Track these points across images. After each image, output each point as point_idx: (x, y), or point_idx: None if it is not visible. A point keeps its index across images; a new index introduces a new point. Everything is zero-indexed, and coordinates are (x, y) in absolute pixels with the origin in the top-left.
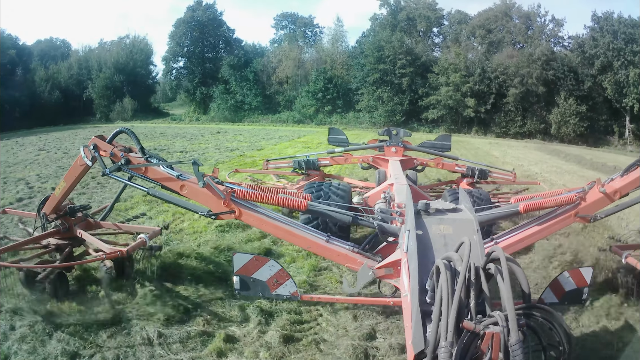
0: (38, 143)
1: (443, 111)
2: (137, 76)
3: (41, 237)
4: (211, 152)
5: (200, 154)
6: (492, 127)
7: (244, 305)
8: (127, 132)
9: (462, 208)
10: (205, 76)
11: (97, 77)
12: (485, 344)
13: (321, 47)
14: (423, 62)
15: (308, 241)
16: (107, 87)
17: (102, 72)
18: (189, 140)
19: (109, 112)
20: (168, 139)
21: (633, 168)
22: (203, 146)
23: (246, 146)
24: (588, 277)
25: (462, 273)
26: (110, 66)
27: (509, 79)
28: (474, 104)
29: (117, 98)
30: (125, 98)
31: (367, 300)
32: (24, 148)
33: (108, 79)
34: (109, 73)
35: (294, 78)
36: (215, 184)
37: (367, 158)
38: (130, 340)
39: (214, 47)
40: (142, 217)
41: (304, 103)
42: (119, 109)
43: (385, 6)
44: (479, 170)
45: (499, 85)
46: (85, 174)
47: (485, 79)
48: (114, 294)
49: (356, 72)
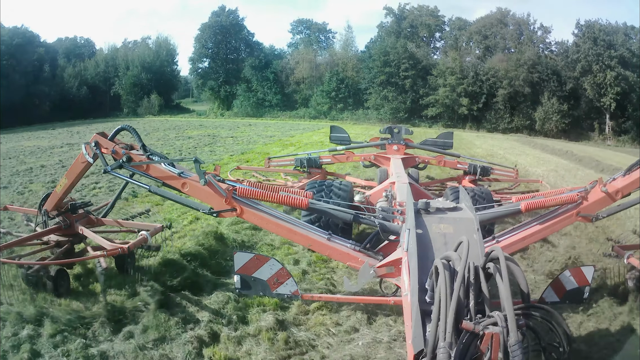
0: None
1: (441, 109)
2: (162, 74)
3: (42, 233)
4: (254, 138)
5: (246, 139)
6: (484, 123)
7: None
8: (129, 129)
9: (462, 207)
10: (229, 75)
11: (124, 75)
12: (485, 345)
13: (334, 51)
14: (424, 65)
15: (309, 239)
16: (135, 84)
17: (130, 70)
18: (231, 130)
19: (136, 107)
20: (210, 129)
21: (635, 168)
22: (245, 134)
23: (279, 134)
24: (589, 276)
25: (460, 273)
26: (137, 64)
27: (498, 81)
28: (467, 103)
29: (144, 94)
30: (153, 94)
31: (368, 299)
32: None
33: (135, 77)
34: (137, 71)
35: (309, 79)
36: (216, 182)
37: (369, 156)
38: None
39: (236, 49)
40: (146, 213)
41: (319, 101)
42: (147, 105)
43: (391, 15)
44: (481, 167)
45: (490, 87)
46: (86, 171)
47: (477, 80)
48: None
49: (365, 74)
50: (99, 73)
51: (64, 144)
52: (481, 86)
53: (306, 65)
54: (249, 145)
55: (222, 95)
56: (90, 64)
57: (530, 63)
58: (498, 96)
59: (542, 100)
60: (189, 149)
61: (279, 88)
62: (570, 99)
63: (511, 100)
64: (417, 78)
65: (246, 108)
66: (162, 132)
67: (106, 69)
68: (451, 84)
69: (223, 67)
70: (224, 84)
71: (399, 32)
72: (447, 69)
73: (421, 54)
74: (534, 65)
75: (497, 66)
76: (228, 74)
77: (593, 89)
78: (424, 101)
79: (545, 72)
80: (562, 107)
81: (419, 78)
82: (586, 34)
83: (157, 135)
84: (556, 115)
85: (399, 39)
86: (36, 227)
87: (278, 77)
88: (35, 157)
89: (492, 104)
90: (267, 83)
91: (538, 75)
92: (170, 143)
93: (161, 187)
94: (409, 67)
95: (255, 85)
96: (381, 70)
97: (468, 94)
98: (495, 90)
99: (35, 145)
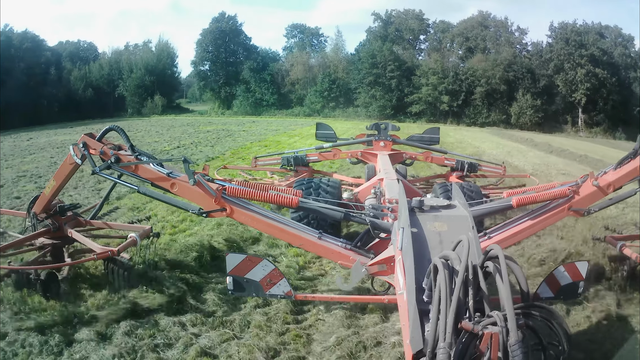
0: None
1: (424, 106)
2: (164, 76)
3: (32, 236)
4: (262, 131)
5: (256, 132)
6: (463, 118)
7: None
8: (117, 130)
9: (456, 204)
10: (228, 77)
11: (128, 77)
12: (484, 344)
13: (325, 54)
14: (408, 66)
15: (300, 238)
16: (139, 85)
17: (134, 72)
18: (239, 126)
19: (140, 107)
20: (220, 125)
21: (626, 161)
22: (253, 128)
23: (282, 129)
24: (583, 271)
25: (460, 273)
26: (141, 67)
27: (477, 80)
28: (448, 100)
29: (148, 95)
30: (156, 95)
31: (362, 298)
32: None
33: (139, 79)
34: (140, 74)
35: (303, 80)
36: (206, 182)
37: (356, 153)
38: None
39: (234, 52)
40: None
41: (313, 100)
42: (151, 105)
43: (378, 20)
44: (469, 163)
45: (469, 85)
46: (74, 172)
47: (457, 80)
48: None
49: (354, 75)
50: (103, 76)
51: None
52: (460, 85)
53: (300, 68)
54: (261, 136)
55: (223, 95)
56: (94, 67)
57: (506, 63)
58: (476, 93)
59: (517, 97)
60: (214, 139)
61: (276, 89)
62: (543, 95)
63: (488, 97)
64: (402, 78)
65: (245, 107)
66: (180, 128)
67: (110, 71)
68: (433, 83)
69: (223, 70)
70: (224, 85)
71: (386, 36)
72: (430, 69)
73: (406, 56)
74: (510, 64)
75: (476, 66)
76: (228, 75)
77: (565, 85)
78: (409, 99)
79: (521, 71)
80: (536, 103)
81: (404, 78)
82: (559, 35)
83: (179, 130)
84: (530, 110)
85: (385, 43)
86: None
87: (274, 78)
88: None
89: (470, 100)
90: (264, 84)
91: (513, 73)
92: (195, 135)
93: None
94: (395, 68)
95: (253, 86)
96: (369, 72)
97: (448, 92)
98: (474, 88)
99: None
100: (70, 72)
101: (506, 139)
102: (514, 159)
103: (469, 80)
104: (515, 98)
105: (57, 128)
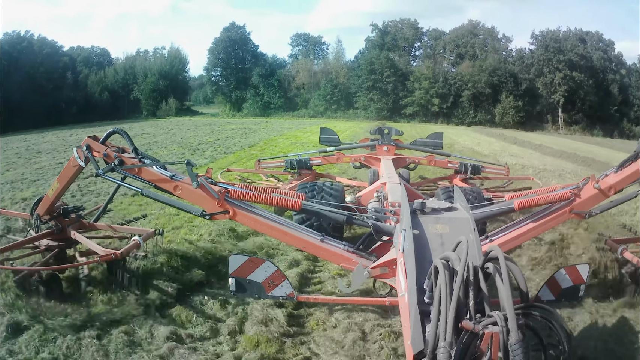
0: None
1: (417, 108)
2: (177, 81)
3: (34, 238)
4: (278, 129)
5: (274, 130)
6: (452, 118)
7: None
8: (120, 133)
9: (457, 207)
10: (238, 82)
11: (143, 81)
12: (485, 344)
13: (328, 61)
14: (403, 72)
15: (303, 241)
16: (153, 89)
17: (148, 77)
18: (256, 125)
19: (155, 110)
20: (238, 125)
21: (627, 164)
22: (269, 127)
23: (293, 128)
24: (585, 274)
25: (460, 273)
26: (155, 72)
27: (464, 84)
28: (438, 102)
29: (162, 99)
30: (170, 98)
31: (363, 300)
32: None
33: (154, 83)
34: (154, 78)
35: (308, 84)
36: (209, 184)
37: (359, 157)
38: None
39: (243, 59)
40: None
41: (316, 103)
42: (165, 108)
43: (376, 30)
44: (472, 166)
45: (457, 89)
46: (78, 174)
47: (447, 84)
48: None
49: (354, 80)
50: (118, 80)
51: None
52: (450, 88)
53: (305, 74)
54: (280, 132)
55: (233, 99)
56: (109, 72)
57: (491, 68)
58: (463, 96)
59: (501, 99)
60: (240, 136)
61: (282, 92)
62: (525, 97)
63: (475, 99)
64: (397, 83)
65: (254, 110)
66: (203, 128)
67: (125, 76)
68: (425, 87)
69: (233, 75)
70: (234, 90)
71: (383, 44)
72: (422, 75)
73: (401, 63)
74: (494, 70)
75: (464, 71)
76: (238, 80)
77: (545, 87)
78: (403, 102)
79: (504, 75)
80: (518, 104)
81: (399, 83)
82: (539, 42)
83: (203, 129)
84: (512, 110)
85: (382, 51)
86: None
87: (281, 83)
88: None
89: (458, 102)
90: (272, 88)
91: (498, 78)
92: (222, 133)
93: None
94: (391, 74)
95: (262, 91)
96: (368, 77)
97: (439, 95)
98: (462, 91)
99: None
100: (87, 76)
101: (482, 134)
102: (480, 146)
103: (457, 85)
104: (499, 100)
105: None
